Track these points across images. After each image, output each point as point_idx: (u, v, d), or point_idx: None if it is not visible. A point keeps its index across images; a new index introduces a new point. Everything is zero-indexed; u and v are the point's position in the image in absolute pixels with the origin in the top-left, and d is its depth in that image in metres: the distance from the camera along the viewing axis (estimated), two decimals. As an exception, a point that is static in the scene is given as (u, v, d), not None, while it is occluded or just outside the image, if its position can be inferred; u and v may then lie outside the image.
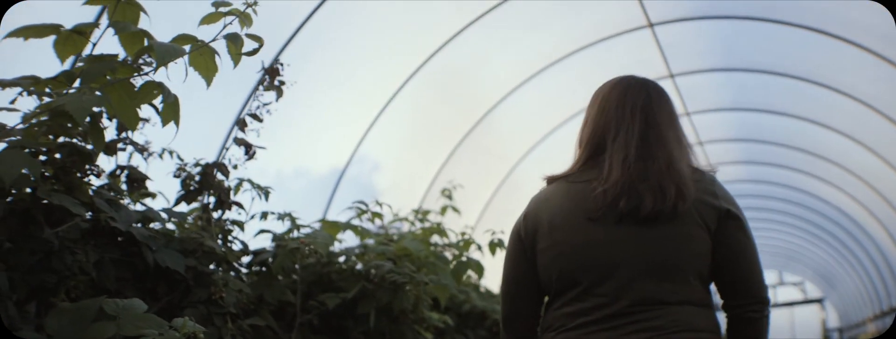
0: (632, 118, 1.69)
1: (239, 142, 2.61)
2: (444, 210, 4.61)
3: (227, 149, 2.61)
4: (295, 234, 2.71)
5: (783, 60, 6.78)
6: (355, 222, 3.11)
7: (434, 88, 6.00)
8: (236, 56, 1.86)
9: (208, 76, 1.92)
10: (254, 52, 1.87)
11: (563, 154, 6.64)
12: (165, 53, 1.71)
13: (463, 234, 3.37)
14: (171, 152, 2.49)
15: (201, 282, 2.33)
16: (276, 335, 2.59)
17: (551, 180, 1.80)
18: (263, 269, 2.70)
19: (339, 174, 5.51)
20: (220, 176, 2.56)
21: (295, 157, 5.11)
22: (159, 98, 1.87)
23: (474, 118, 6.76)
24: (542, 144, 7.69)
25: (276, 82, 2.65)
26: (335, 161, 5.52)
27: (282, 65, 2.63)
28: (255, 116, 2.67)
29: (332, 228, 2.92)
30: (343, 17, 4.82)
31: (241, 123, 2.67)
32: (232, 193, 2.60)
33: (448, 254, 3.33)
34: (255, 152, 2.64)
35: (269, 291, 2.60)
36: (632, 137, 1.66)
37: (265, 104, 2.65)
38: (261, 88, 2.65)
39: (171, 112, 1.87)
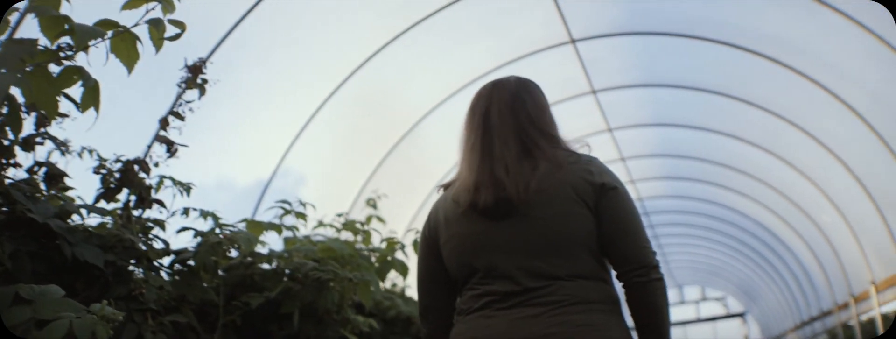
0: (479, 123, 1.88)
1: (161, 139, 2.59)
2: (368, 220, 4.62)
3: (149, 147, 2.59)
4: (217, 231, 2.69)
5: (701, 75, 7.04)
6: (278, 222, 3.10)
7: (359, 103, 6.02)
8: (159, 41, 1.87)
9: (130, 63, 1.92)
10: (176, 36, 1.88)
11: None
12: (85, 34, 1.71)
13: (389, 239, 3.38)
14: (90, 151, 2.45)
15: (121, 278, 2.30)
16: (198, 335, 2.55)
17: (446, 186, 1.97)
18: (185, 268, 2.66)
19: (263, 187, 5.47)
20: (141, 173, 2.53)
21: (219, 168, 5.05)
22: (79, 86, 1.86)
23: (398, 134, 6.80)
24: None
25: (198, 80, 2.65)
26: (260, 173, 5.48)
27: (205, 62, 2.63)
28: (176, 114, 2.66)
29: (255, 227, 2.91)
30: (268, 30, 4.82)
31: (163, 122, 2.65)
32: (153, 191, 2.57)
33: (372, 258, 3.34)
34: (176, 150, 2.63)
35: (192, 291, 2.57)
36: (477, 140, 1.85)
37: (188, 102, 2.64)
38: (183, 86, 2.64)
39: (90, 98, 1.86)
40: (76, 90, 1.89)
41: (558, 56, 6.81)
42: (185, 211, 2.59)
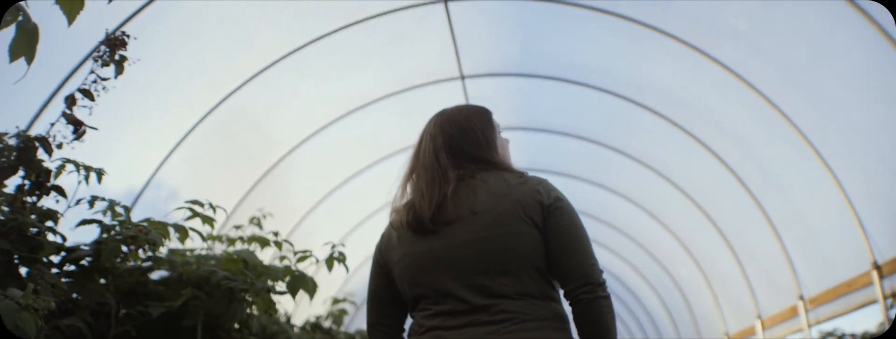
0: (418, 149, 2.01)
1: (69, 118, 2.26)
2: (250, 240, 4.33)
3: (53, 124, 2.25)
4: (118, 230, 2.36)
5: (583, 122, 7.19)
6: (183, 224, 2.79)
7: (240, 121, 5.73)
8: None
9: (72, 12, 1.64)
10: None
11: (359, 202, 6.57)
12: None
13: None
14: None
15: (12, 272, 1.95)
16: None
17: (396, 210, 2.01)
18: (75, 268, 2.31)
19: (134, 197, 5.02)
20: (42, 154, 2.19)
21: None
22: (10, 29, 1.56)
23: (278, 155, 6.50)
24: (339, 191, 7.54)
25: (117, 56, 2.35)
26: (132, 183, 5.03)
27: (128, 36, 2.34)
28: (87, 93, 2.34)
29: (160, 228, 2.60)
30: (161, 30, 4.48)
31: (70, 99, 2.32)
32: (53, 176, 2.23)
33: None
34: (85, 132, 2.30)
35: (86, 292, 2.23)
36: (416, 165, 1.97)
37: (103, 79, 2.33)
38: (97, 60, 2.33)
39: (24, 44, 1.56)
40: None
41: (446, 91, 6.78)
42: (92, 201, 2.25)
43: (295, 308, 6.79)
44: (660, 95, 6.30)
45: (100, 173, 2.23)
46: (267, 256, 3.93)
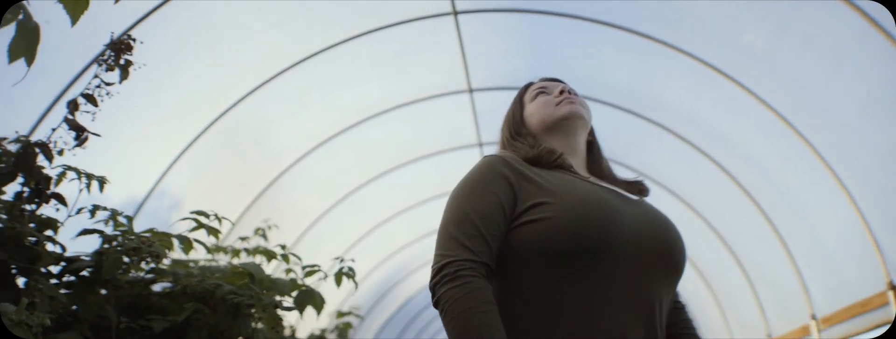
0: None
1: (71, 124, 2.18)
2: (255, 252, 4.25)
3: (54, 130, 2.17)
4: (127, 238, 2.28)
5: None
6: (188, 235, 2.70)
7: (245, 131, 5.66)
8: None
9: (76, 12, 1.57)
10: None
11: (365, 213, 6.50)
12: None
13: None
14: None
15: (7, 282, 1.87)
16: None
17: None
18: (74, 279, 2.23)
19: (136, 206, 4.94)
20: (42, 160, 2.11)
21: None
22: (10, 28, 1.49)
23: (283, 166, 6.44)
24: (345, 202, 7.46)
25: (122, 61, 2.27)
26: (134, 192, 4.95)
27: (133, 40, 2.26)
28: (90, 98, 2.26)
29: (163, 239, 2.51)
30: (166, 39, 4.42)
31: (72, 104, 2.24)
32: (53, 184, 2.15)
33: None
34: (86, 138, 2.22)
35: (85, 305, 2.14)
36: None
37: (107, 84, 2.25)
38: (103, 66, 2.25)
39: (25, 44, 1.49)
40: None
41: (454, 103, 6.72)
42: (93, 211, 2.17)
43: (298, 322, 6.69)
44: (670, 112, 6.21)
45: (102, 182, 2.14)
46: (273, 269, 3.85)
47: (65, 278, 2.21)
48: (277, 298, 2.38)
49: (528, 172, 1.61)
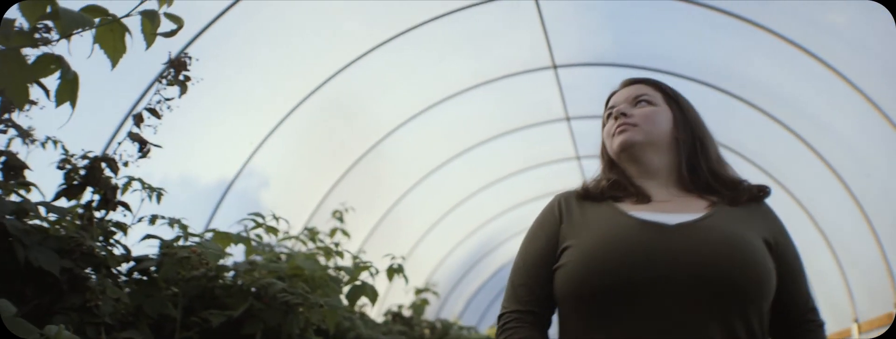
0: None
1: (134, 137, 2.38)
2: (333, 232, 4.46)
3: (120, 143, 2.38)
4: (182, 242, 2.49)
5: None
6: (246, 235, 2.91)
7: (332, 110, 5.86)
8: (151, 36, 1.68)
9: (115, 56, 1.72)
10: (172, 33, 1.70)
11: (451, 187, 6.65)
12: (71, 22, 1.51)
13: (356, 257, 3.21)
14: (56, 142, 2.25)
15: (76, 287, 2.09)
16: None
17: None
18: (145, 278, 2.46)
19: (226, 187, 5.25)
20: (108, 172, 2.33)
21: (184, 163, 4.83)
22: (56, 75, 1.66)
23: (368, 143, 6.64)
24: (431, 177, 7.63)
25: (181, 77, 2.45)
26: (223, 173, 5.26)
27: (190, 58, 2.44)
28: (153, 111, 2.46)
29: (223, 239, 2.71)
30: (249, 27, 4.63)
31: (137, 118, 2.44)
32: (119, 192, 2.37)
33: (341, 276, 3.17)
34: (149, 150, 2.42)
35: (150, 302, 2.36)
36: None
37: (167, 99, 2.44)
38: (163, 81, 2.44)
39: (67, 91, 1.66)
40: (51, 79, 1.70)
41: (539, 80, 6.73)
42: (153, 219, 2.38)
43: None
44: (758, 89, 6.04)
45: (160, 194, 2.34)
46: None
47: (134, 276, 2.45)
48: (319, 299, 2.53)
49: (576, 209, 1.65)
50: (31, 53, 1.66)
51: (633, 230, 1.51)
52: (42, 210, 2.08)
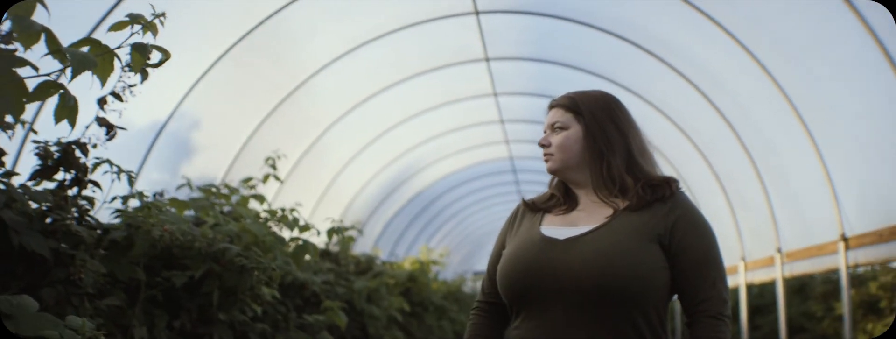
0: None
1: (101, 122, 2.62)
2: (266, 178, 4.75)
3: (87, 127, 2.61)
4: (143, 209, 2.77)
5: (593, 58, 7.41)
6: (196, 195, 3.20)
7: (261, 53, 6.03)
8: (139, 66, 1.93)
9: (104, 77, 1.98)
10: (159, 63, 1.95)
11: (374, 122, 6.95)
12: (80, 64, 1.75)
13: (294, 216, 3.53)
14: (34, 130, 2.47)
15: (60, 262, 2.37)
16: (123, 311, 2.67)
17: None
18: (113, 242, 2.74)
19: (158, 129, 5.42)
20: (79, 154, 2.57)
21: (119, 107, 4.96)
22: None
23: (295, 83, 6.83)
24: (355, 111, 7.89)
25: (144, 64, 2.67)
26: (156, 115, 5.42)
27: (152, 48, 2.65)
28: (117, 96, 2.68)
29: (180, 206, 3.01)
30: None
31: (101, 102, 2.67)
32: (90, 172, 2.62)
33: (285, 233, 3.51)
34: (115, 133, 2.67)
35: (120, 268, 2.66)
36: None
37: (130, 86, 2.66)
38: (127, 68, 2.66)
39: (66, 113, 1.91)
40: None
41: (461, 24, 7.00)
42: (125, 199, 2.65)
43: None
44: (667, 46, 6.48)
45: (130, 175, 2.60)
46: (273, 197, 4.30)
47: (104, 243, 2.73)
48: (272, 264, 2.87)
49: (519, 218, 2.00)
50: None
51: (535, 245, 1.82)
52: (29, 202, 2.32)
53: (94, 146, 2.64)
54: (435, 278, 7.99)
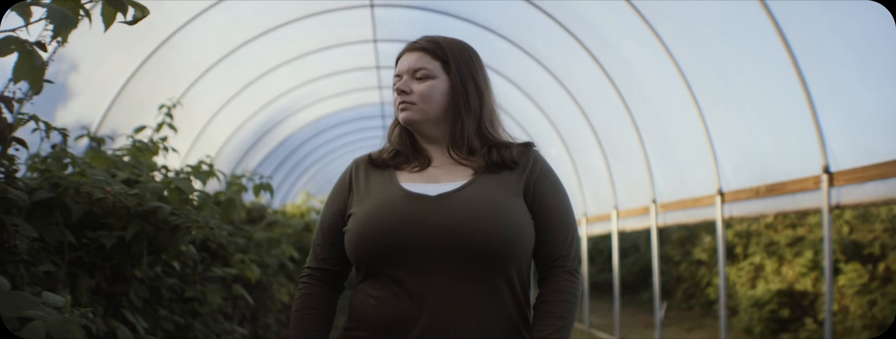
0: None
1: (26, 75, 2.43)
2: (160, 127, 4.58)
3: (10, 81, 2.41)
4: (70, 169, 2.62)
5: (479, 10, 7.46)
6: (121, 153, 3.05)
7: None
8: (110, 21, 1.81)
9: (108, 20, 1.86)
10: (135, 21, 1.82)
11: (251, 65, 6.81)
12: (63, 22, 1.62)
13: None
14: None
15: (-3, 228, 2.22)
16: (53, 276, 2.53)
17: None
18: (37, 204, 2.58)
19: (34, 72, 5.03)
20: (4, 109, 2.38)
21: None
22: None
23: (175, 26, 6.49)
24: (233, 55, 7.61)
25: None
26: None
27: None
28: (42, 45, 2.49)
29: (102, 161, 2.86)
30: None
31: (24, 53, 2.47)
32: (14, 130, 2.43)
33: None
34: (42, 88, 2.48)
35: (49, 231, 2.52)
36: None
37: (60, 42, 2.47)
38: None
39: (30, 74, 1.77)
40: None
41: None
42: (57, 157, 2.49)
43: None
44: (558, 4, 6.63)
45: (64, 133, 2.44)
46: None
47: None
48: (209, 222, 2.79)
49: (363, 177, 1.86)
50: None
51: (400, 202, 1.72)
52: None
53: (20, 101, 2.45)
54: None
